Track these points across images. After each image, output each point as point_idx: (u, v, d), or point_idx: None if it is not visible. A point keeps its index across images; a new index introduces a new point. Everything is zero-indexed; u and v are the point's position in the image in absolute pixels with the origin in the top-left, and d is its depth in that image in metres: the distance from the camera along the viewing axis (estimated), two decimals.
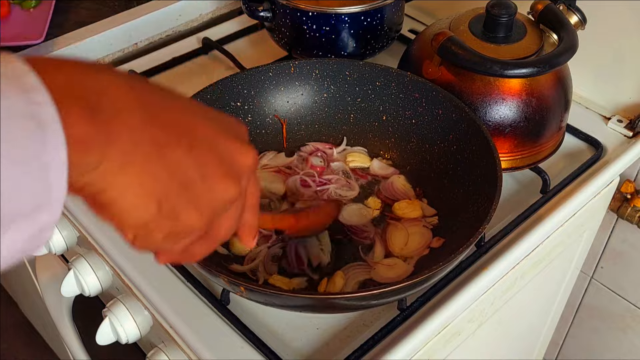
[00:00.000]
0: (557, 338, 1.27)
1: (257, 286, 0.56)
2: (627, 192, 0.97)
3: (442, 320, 0.66)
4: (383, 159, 0.81)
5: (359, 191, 0.77)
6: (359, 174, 0.80)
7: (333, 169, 0.79)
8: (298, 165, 0.80)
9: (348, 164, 0.80)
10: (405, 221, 0.73)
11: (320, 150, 0.81)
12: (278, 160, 0.80)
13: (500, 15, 0.75)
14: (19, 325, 1.73)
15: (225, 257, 0.69)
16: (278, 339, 0.65)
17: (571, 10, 0.79)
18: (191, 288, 0.68)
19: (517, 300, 0.85)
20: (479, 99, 0.75)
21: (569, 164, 0.85)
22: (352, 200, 0.77)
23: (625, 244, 1.05)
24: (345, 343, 0.65)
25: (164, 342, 0.72)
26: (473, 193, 0.69)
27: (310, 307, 0.62)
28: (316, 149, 0.81)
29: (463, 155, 0.73)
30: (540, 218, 0.76)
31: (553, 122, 0.78)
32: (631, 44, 0.87)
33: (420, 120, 0.78)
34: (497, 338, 0.90)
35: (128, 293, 0.73)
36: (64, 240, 0.84)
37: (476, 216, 0.65)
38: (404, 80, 0.78)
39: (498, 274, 0.71)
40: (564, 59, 0.73)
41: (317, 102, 0.82)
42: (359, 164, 0.80)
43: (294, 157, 0.81)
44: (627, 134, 0.89)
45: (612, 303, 1.13)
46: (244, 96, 0.78)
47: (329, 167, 0.80)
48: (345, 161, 0.81)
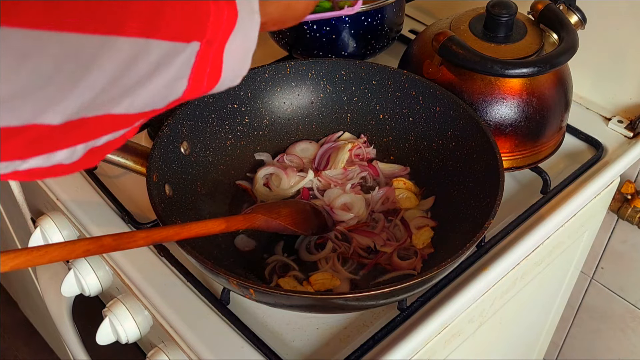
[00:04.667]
0: (557, 339, 1.27)
1: (268, 288, 0.56)
2: (628, 193, 0.97)
3: (442, 320, 0.66)
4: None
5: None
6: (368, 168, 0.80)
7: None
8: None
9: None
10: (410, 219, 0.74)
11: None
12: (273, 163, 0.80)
13: (500, 15, 0.75)
14: (19, 324, 1.73)
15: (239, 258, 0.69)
16: (278, 339, 0.65)
17: (571, 10, 0.79)
18: (191, 288, 0.68)
19: (518, 301, 0.85)
20: (479, 99, 0.75)
21: (569, 165, 0.85)
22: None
23: (626, 245, 1.05)
24: (345, 343, 0.65)
25: (164, 342, 0.72)
26: (474, 189, 0.69)
27: (311, 307, 0.62)
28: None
29: (462, 151, 0.73)
30: (541, 218, 0.76)
31: (553, 122, 0.78)
32: (632, 44, 0.87)
33: (418, 117, 0.78)
34: (497, 338, 0.90)
35: (128, 293, 0.73)
36: (64, 240, 0.84)
37: (478, 213, 0.65)
38: (401, 79, 0.78)
39: (498, 274, 0.71)
40: (565, 58, 0.73)
41: (314, 102, 0.82)
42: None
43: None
44: (627, 135, 0.89)
45: (612, 304, 1.13)
46: (240, 98, 0.78)
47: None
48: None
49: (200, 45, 0.38)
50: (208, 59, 0.39)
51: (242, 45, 0.41)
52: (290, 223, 0.67)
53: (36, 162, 0.35)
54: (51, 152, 0.35)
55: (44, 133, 0.33)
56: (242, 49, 0.42)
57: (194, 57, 0.38)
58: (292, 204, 0.72)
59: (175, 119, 0.71)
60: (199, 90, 0.41)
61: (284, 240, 0.72)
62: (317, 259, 0.70)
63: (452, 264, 0.58)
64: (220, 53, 0.40)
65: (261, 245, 0.72)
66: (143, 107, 0.38)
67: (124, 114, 0.37)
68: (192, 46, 0.37)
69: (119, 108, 0.36)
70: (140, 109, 0.38)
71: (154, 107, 0.39)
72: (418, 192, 0.77)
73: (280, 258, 0.70)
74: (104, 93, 0.34)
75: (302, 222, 0.69)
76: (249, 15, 0.41)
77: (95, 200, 0.77)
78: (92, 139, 0.37)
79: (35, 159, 0.35)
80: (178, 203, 0.68)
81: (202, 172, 0.74)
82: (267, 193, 0.77)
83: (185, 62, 0.38)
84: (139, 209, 0.76)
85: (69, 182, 0.79)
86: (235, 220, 0.64)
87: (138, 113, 0.38)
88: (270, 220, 0.66)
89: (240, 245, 0.72)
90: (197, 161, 0.73)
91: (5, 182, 0.96)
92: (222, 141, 0.77)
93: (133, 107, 0.37)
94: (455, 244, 0.64)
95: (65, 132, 0.35)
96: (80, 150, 0.37)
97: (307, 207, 0.72)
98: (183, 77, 0.38)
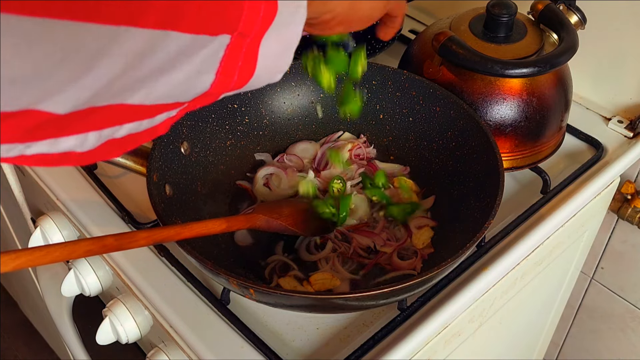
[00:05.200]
0: (557, 338, 1.27)
1: (268, 288, 0.56)
2: (628, 193, 0.97)
3: (442, 320, 0.66)
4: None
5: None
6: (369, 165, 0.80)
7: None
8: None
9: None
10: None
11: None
12: (274, 163, 0.80)
13: (500, 15, 0.75)
14: (19, 324, 1.73)
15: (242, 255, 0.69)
16: (278, 338, 0.65)
17: (571, 10, 0.79)
18: (191, 288, 0.68)
19: (518, 301, 0.85)
20: (479, 99, 0.75)
21: (569, 165, 0.85)
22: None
23: (626, 245, 1.05)
24: (345, 343, 0.65)
25: (164, 342, 0.72)
26: (475, 189, 0.69)
27: (311, 307, 0.62)
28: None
29: (462, 151, 0.73)
30: (541, 218, 0.76)
31: (553, 122, 0.78)
32: (632, 44, 0.87)
33: (417, 117, 0.78)
34: (497, 338, 0.90)
35: (128, 293, 0.73)
36: (65, 240, 0.84)
37: (478, 213, 0.65)
38: (401, 79, 0.78)
39: (498, 274, 0.71)
40: (565, 58, 0.73)
41: (314, 103, 0.82)
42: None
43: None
44: (627, 135, 0.89)
45: (612, 304, 1.13)
46: (240, 98, 0.78)
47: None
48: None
49: (231, 39, 0.37)
50: (240, 52, 0.38)
51: (281, 39, 0.40)
52: (291, 223, 0.67)
53: (41, 147, 0.35)
54: (55, 138, 0.35)
55: (44, 119, 0.33)
56: (282, 44, 0.40)
57: (223, 50, 0.37)
58: (293, 204, 0.72)
59: None
60: (229, 85, 0.40)
61: (284, 240, 0.72)
62: (317, 259, 0.70)
63: (452, 264, 0.58)
64: (256, 47, 0.39)
65: (261, 245, 0.72)
66: (162, 99, 0.37)
67: (140, 104, 0.36)
68: (221, 39, 0.36)
69: (135, 98, 0.36)
70: (160, 100, 0.37)
71: (176, 99, 0.38)
72: (419, 192, 0.77)
73: (281, 258, 0.70)
74: (114, 83, 0.34)
75: (303, 222, 0.69)
76: (293, 9, 0.39)
77: (96, 200, 0.77)
78: (104, 127, 0.37)
79: (40, 144, 0.35)
80: (178, 203, 0.68)
81: (202, 172, 0.74)
82: (267, 193, 0.77)
83: (211, 55, 0.37)
84: (139, 209, 0.76)
85: (69, 182, 0.79)
86: (236, 220, 0.64)
87: (158, 104, 0.37)
88: (271, 220, 0.66)
89: (239, 240, 0.72)
90: (197, 161, 0.73)
91: (6, 182, 0.96)
92: (222, 141, 0.77)
93: (150, 97, 0.36)
94: (455, 244, 0.64)
95: (72, 120, 0.34)
96: (93, 138, 0.37)
97: (308, 207, 0.72)
98: (209, 70, 0.37)
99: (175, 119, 0.41)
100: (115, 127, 0.37)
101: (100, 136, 0.37)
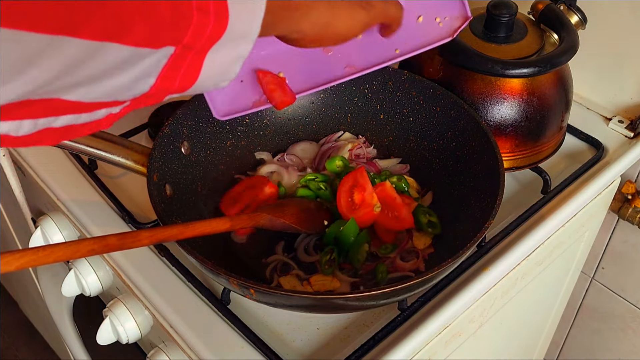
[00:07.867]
0: (557, 339, 1.27)
1: (268, 288, 0.56)
2: (628, 193, 0.96)
3: (442, 320, 0.66)
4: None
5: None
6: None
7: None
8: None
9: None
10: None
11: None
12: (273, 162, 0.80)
13: (501, 15, 0.75)
14: (19, 324, 1.73)
15: None
16: (278, 339, 0.65)
17: (572, 10, 0.79)
18: (191, 288, 0.68)
19: (518, 301, 0.84)
20: (480, 99, 0.75)
21: (569, 165, 0.85)
22: None
23: (626, 245, 1.05)
24: (346, 343, 0.65)
25: (164, 342, 0.72)
26: (475, 189, 0.69)
27: (312, 307, 0.62)
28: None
29: (463, 151, 0.73)
30: (541, 218, 0.76)
31: (554, 122, 0.78)
32: (632, 44, 0.87)
33: (418, 117, 0.78)
34: (498, 339, 0.90)
35: (128, 293, 0.73)
36: (65, 240, 0.84)
37: (479, 213, 0.65)
38: (401, 79, 0.78)
39: (499, 274, 0.71)
40: (565, 58, 0.73)
41: (314, 103, 0.82)
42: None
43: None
44: (628, 135, 0.89)
45: (612, 304, 1.13)
46: None
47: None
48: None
49: (175, 50, 0.38)
50: (184, 62, 0.40)
51: (230, 52, 0.41)
52: (294, 222, 0.67)
53: None
54: None
55: None
56: (230, 56, 0.42)
57: (166, 59, 0.39)
58: (296, 202, 0.72)
59: (176, 119, 0.71)
60: (170, 89, 0.41)
61: (285, 240, 0.72)
62: (315, 260, 0.70)
63: (453, 264, 0.58)
64: (201, 58, 0.40)
65: (262, 246, 0.72)
66: (101, 98, 0.39)
67: (78, 100, 0.38)
68: (164, 50, 0.38)
69: (72, 95, 0.37)
70: (98, 99, 0.39)
71: (115, 98, 0.40)
72: (420, 191, 0.77)
73: (281, 258, 0.70)
74: (51, 84, 0.35)
75: (306, 221, 0.69)
76: (245, 26, 0.41)
77: (96, 200, 0.77)
78: (40, 117, 0.38)
79: None
80: (178, 203, 0.68)
81: (202, 172, 0.74)
82: None
83: (152, 65, 0.38)
84: (139, 209, 0.76)
85: (70, 182, 0.79)
86: (239, 219, 0.64)
87: (97, 102, 0.39)
88: (275, 218, 0.66)
89: (238, 238, 0.72)
90: (197, 161, 0.73)
91: (6, 182, 0.96)
92: (222, 141, 0.77)
93: (88, 97, 0.38)
94: (456, 244, 0.64)
95: (8, 109, 0.36)
96: (28, 125, 0.38)
97: (311, 206, 0.72)
98: (149, 75, 0.39)
99: (119, 116, 0.42)
100: (51, 117, 0.39)
101: (35, 124, 0.39)
